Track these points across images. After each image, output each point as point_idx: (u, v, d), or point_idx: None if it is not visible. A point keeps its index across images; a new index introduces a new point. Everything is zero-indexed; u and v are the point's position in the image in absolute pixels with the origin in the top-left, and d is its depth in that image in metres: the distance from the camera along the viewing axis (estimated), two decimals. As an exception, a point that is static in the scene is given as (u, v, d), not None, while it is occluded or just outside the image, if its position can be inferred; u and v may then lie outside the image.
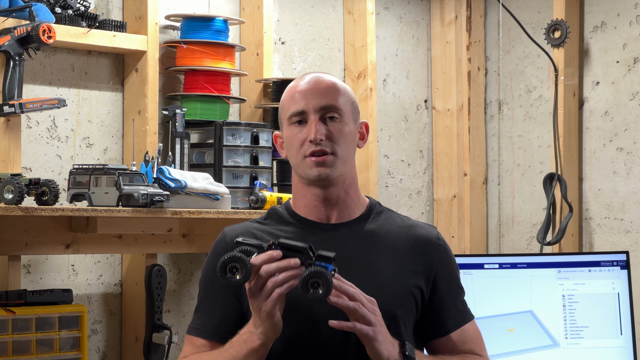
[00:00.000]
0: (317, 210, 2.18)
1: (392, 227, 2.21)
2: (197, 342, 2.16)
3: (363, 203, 2.23)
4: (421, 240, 2.21)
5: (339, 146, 2.13)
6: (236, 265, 1.93)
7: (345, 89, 2.18)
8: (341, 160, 2.13)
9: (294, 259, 1.95)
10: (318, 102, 2.13)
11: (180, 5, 3.67)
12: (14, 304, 3.01)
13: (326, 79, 2.17)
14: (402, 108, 4.46)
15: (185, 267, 3.65)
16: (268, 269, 1.94)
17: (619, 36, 4.15)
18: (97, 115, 3.44)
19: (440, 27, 4.52)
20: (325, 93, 2.15)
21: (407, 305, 2.14)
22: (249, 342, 1.99)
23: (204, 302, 2.19)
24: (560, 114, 4.16)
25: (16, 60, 3.03)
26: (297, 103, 2.14)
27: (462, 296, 2.25)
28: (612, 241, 4.14)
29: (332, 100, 2.14)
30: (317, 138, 2.10)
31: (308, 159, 2.12)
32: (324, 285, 1.93)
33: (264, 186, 3.49)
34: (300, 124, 2.14)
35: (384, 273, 2.14)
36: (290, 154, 2.17)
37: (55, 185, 2.89)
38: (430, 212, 4.54)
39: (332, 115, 2.13)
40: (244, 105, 3.80)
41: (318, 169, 2.12)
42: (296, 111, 2.14)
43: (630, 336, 3.49)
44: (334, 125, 2.14)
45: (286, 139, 2.17)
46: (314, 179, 2.13)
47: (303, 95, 2.14)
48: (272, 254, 1.95)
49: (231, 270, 1.94)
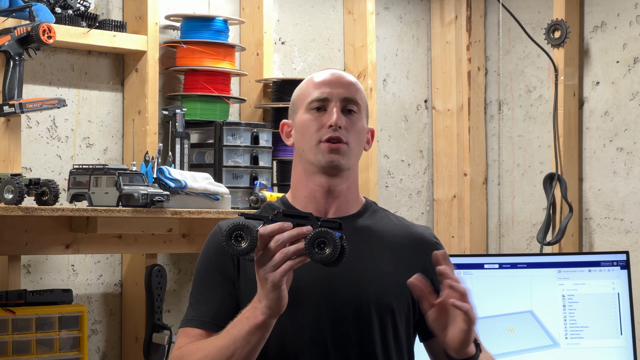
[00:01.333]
0: (316, 201, 2.18)
1: (388, 225, 2.23)
2: (192, 332, 2.13)
3: (360, 201, 2.25)
4: (417, 238, 2.23)
5: (353, 138, 2.16)
6: (242, 234, 1.90)
7: (363, 91, 2.23)
8: (353, 153, 2.16)
9: (307, 227, 1.91)
10: (342, 93, 2.17)
11: (180, 5, 3.67)
12: (14, 304, 3.01)
13: (348, 76, 2.23)
14: (402, 108, 4.46)
15: (185, 267, 3.65)
16: (280, 238, 1.91)
17: (619, 36, 4.15)
18: (97, 115, 3.44)
19: (440, 27, 4.52)
20: (348, 86, 2.19)
21: (403, 299, 2.15)
22: (251, 318, 1.96)
23: (199, 294, 2.17)
24: (560, 114, 4.16)
25: (16, 60, 3.03)
26: (320, 89, 2.17)
27: None
28: (612, 241, 4.14)
29: (354, 94, 2.19)
30: (338, 124, 2.13)
31: (323, 144, 2.14)
32: (330, 245, 1.89)
33: (264, 186, 3.49)
34: (319, 111, 2.16)
35: (380, 267, 2.15)
36: (302, 138, 2.17)
37: (55, 185, 2.89)
38: (430, 212, 4.54)
39: (352, 108, 2.18)
40: (244, 105, 3.80)
41: (331, 155, 2.13)
42: (320, 97, 2.16)
43: (630, 336, 3.49)
44: (352, 118, 2.17)
45: (301, 122, 2.18)
46: (326, 164, 2.14)
47: (327, 84, 2.17)
48: (282, 225, 1.92)
49: (236, 239, 1.90)
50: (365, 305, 2.11)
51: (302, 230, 1.92)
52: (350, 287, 2.11)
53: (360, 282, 2.10)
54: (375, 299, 2.11)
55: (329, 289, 2.10)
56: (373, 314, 2.11)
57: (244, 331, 1.96)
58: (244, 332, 1.96)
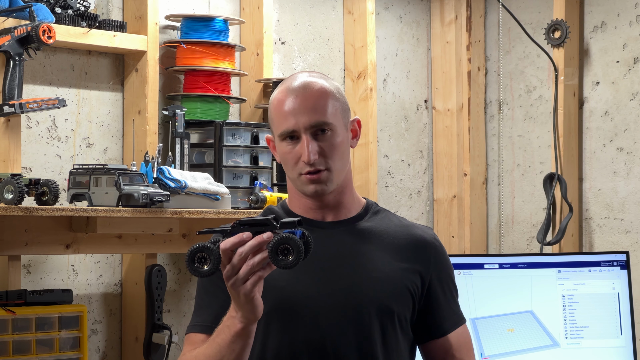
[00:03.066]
0: (313, 212, 2.19)
1: (389, 226, 2.22)
2: (195, 338, 2.14)
3: (359, 203, 2.24)
4: (418, 239, 2.21)
5: (333, 160, 2.12)
6: (204, 255, 1.88)
7: (333, 92, 2.15)
8: (336, 174, 2.13)
9: (267, 233, 1.88)
10: (308, 120, 2.10)
11: (180, 5, 3.67)
12: (14, 304, 3.01)
13: (314, 89, 2.13)
14: (402, 108, 4.46)
15: (185, 267, 3.65)
16: (242, 251, 1.89)
17: (619, 36, 4.15)
18: (97, 115, 3.44)
19: (440, 27, 4.52)
20: (314, 108, 2.11)
21: (404, 301, 2.14)
22: (232, 327, 1.97)
23: (201, 299, 2.18)
24: (560, 114, 4.16)
25: (16, 60, 3.03)
26: (287, 121, 2.11)
27: (457, 297, 2.26)
28: (612, 241, 4.14)
29: (321, 116, 2.11)
30: (311, 159, 2.09)
31: (303, 177, 2.12)
32: (294, 251, 1.87)
33: (264, 186, 3.49)
34: (292, 139, 2.12)
35: (380, 269, 2.14)
36: (285, 167, 2.17)
37: (55, 185, 2.89)
38: (430, 212, 4.54)
39: (323, 128, 2.11)
40: (244, 105, 3.80)
41: (314, 185, 2.11)
42: (286, 130, 2.12)
43: (630, 336, 3.49)
44: (326, 139, 2.11)
45: (280, 153, 2.16)
46: (310, 194, 2.13)
47: (292, 113, 2.11)
48: (241, 236, 1.89)
49: (200, 261, 1.88)
50: (365, 309, 2.10)
51: (263, 239, 1.89)
52: (350, 290, 2.10)
53: (360, 285, 2.09)
54: (375, 302, 2.10)
55: (327, 292, 2.10)
56: (373, 317, 2.10)
57: (227, 340, 1.98)
58: (227, 340, 1.98)
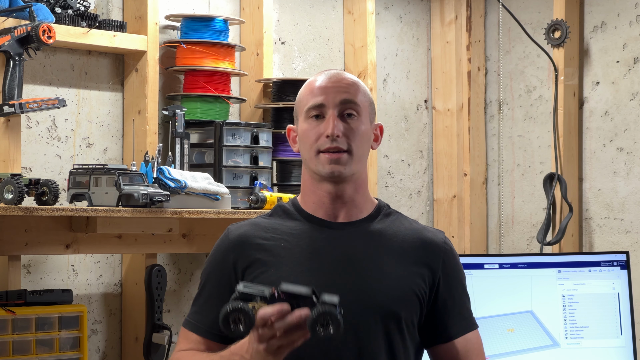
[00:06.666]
0: (325, 207, 2.16)
1: (400, 229, 2.19)
2: (191, 336, 2.15)
3: (372, 203, 2.22)
4: (428, 243, 2.20)
5: (355, 144, 2.11)
6: (239, 317, 1.90)
7: (365, 89, 2.17)
8: (355, 159, 2.12)
9: (304, 310, 1.89)
10: (338, 97, 2.11)
11: (180, 5, 3.67)
12: (14, 304, 3.01)
13: (347, 76, 2.17)
14: (402, 108, 4.46)
15: (185, 267, 3.65)
16: (280, 326, 1.87)
17: (619, 36, 4.15)
18: (97, 115, 3.44)
19: (440, 27, 4.52)
20: (346, 88, 2.13)
21: (412, 306, 2.13)
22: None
23: (201, 296, 2.18)
24: (560, 114, 4.16)
25: (16, 60, 3.03)
26: (316, 96, 2.12)
27: (467, 303, 2.23)
28: (612, 241, 4.14)
29: (352, 95, 2.13)
30: (335, 134, 2.08)
31: (322, 155, 2.10)
32: (333, 324, 1.87)
33: (264, 186, 3.49)
34: (318, 119, 2.12)
35: (388, 273, 2.12)
36: (303, 147, 2.14)
37: (55, 185, 2.89)
38: (430, 212, 4.54)
39: (351, 112, 2.12)
40: (244, 105, 3.80)
41: (331, 166, 2.10)
42: (315, 104, 2.12)
43: (630, 336, 3.49)
44: (352, 122, 2.12)
45: (301, 132, 2.15)
46: (326, 175, 2.11)
47: (323, 90, 2.12)
48: (281, 310, 1.87)
49: (234, 322, 1.90)
50: (370, 314, 2.08)
51: (302, 317, 1.87)
52: (356, 294, 2.08)
53: (367, 289, 2.08)
54: (380, 307, 2.09)
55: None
56: (378, 323, 2.09)
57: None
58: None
